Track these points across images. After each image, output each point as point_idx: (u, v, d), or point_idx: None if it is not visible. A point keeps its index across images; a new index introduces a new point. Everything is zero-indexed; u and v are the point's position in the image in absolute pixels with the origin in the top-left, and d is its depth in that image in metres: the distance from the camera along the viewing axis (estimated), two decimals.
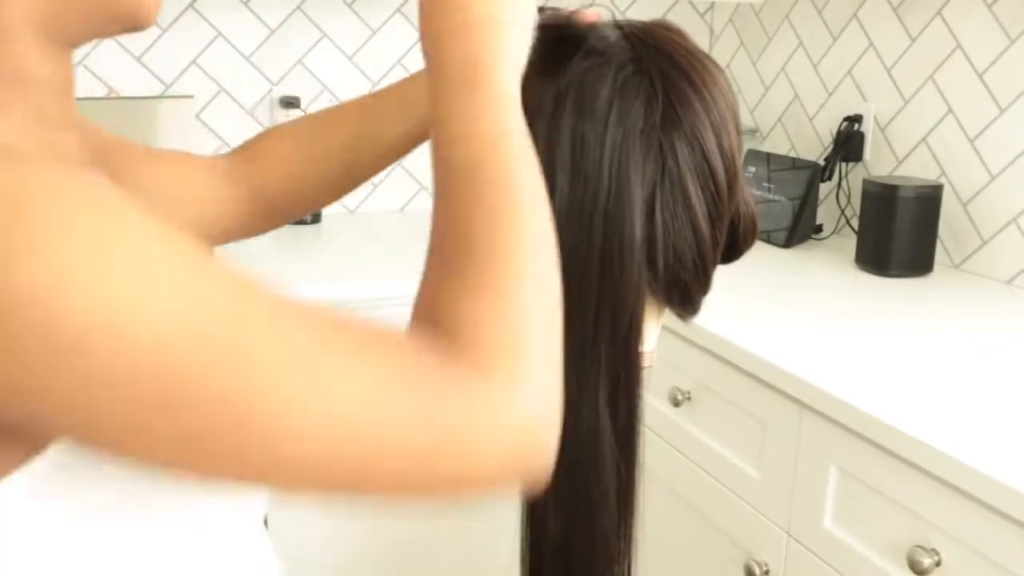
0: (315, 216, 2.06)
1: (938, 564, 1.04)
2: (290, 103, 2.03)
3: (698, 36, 2.39)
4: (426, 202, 2.18)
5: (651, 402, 1.57)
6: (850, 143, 1.93)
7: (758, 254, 1.81)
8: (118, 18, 0.53)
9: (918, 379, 1.20)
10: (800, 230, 1.94)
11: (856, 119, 1.93)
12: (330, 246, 1.91)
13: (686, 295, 0.66)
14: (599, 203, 0.61)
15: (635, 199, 0.61)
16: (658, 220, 0.62)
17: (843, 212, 1.99)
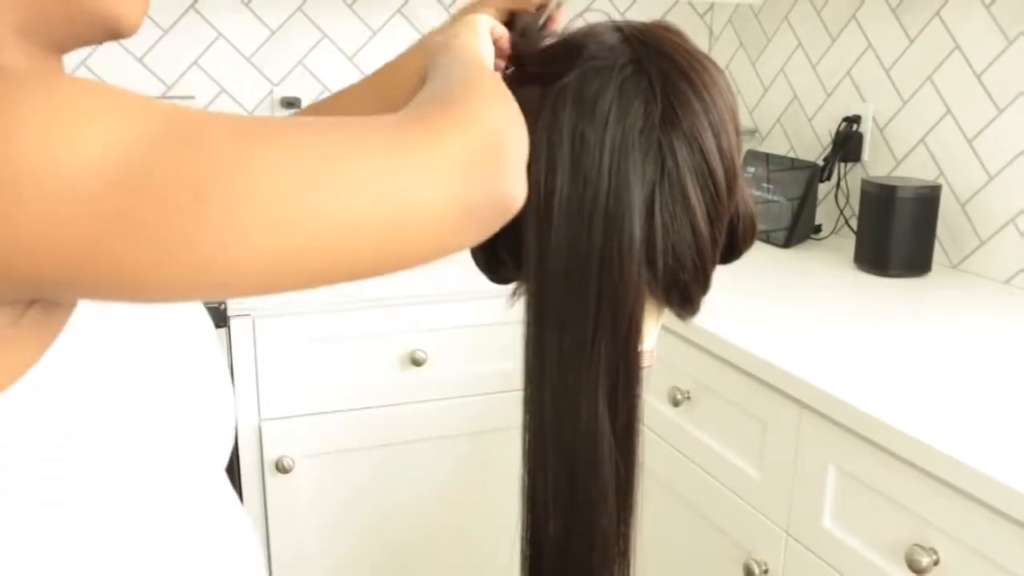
0: None
1: (936, 563, 1.04)
2: (291, 104, 2.04)
3: (697, 37, 2.39)
4: None
5: (651, 402, 1.57)
6: (849, 143, 1.94)
7: (757, 254, 1.81)
8: (98, 25, 0.54)
9: (917, 379, 1.20)
10: (799, 230, 1.95)
11: (855, 120, 1.94)
12: None
13: (685, 295, 0.67)
14: (599, 203, 0.61)
15: (634, 199, 0.61)
16: (657, 220, 0.62)
17: (842, 212, 2.00)
